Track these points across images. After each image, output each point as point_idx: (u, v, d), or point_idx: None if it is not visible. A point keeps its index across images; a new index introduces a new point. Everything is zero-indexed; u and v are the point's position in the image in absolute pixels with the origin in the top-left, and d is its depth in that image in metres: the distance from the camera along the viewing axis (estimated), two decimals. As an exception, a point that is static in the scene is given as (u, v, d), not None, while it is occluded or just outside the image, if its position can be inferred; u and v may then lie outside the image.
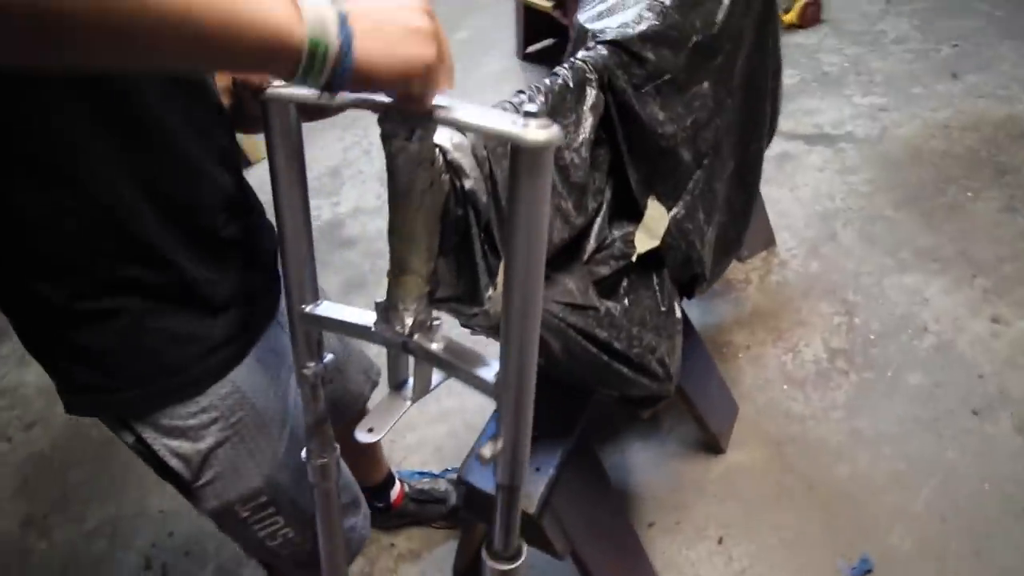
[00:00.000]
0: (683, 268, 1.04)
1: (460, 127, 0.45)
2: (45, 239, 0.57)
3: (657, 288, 1.00)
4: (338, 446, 0.75)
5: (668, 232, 0.97)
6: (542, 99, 0.69)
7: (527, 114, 0.42)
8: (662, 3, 0.88)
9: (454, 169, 0.57)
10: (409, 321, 0.57)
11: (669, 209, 0.97)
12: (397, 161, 0.52)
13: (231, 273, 0.69)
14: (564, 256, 0.78)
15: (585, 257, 0.84)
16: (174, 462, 0.68)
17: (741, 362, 1.71)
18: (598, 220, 0.86)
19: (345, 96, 0.47)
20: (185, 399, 0.66)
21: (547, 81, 0.72)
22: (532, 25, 3.33)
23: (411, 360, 0.64)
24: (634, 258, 0.93)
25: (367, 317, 0.61)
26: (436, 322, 0.59)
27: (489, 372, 0.54)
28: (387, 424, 0.62)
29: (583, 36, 0.99)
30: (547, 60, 3.35)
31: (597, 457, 1.09)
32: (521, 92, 0.69)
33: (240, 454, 0.71)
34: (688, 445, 1.56)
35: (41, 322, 0.62)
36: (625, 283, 0.94)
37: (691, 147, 0.94)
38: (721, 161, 1.02)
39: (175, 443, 0.67)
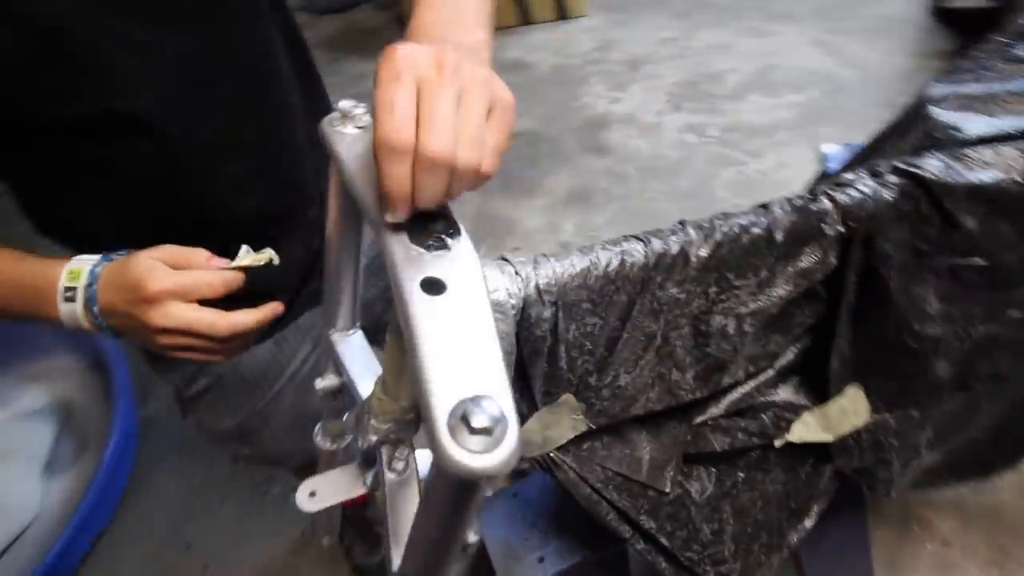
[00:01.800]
0: (856, 474, 0.75)
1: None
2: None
3: (803, 480, 0.74)
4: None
5: (855, 435, 0.69)
6: (704, 251, 0.46)
7: (472, 431, 0.27)
8: (1060, 148, 0.52)
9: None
10: (372, 438, 0.48)
11: (875, 411, 0.67)
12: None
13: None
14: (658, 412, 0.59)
15: (699, 419, 0.63)
16: (165, 383, 0.76)
17: (922, 553, 1.30)
18: (746, 386, 0.63)
19: None
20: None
21: (741, 222, 0.48)
22: (968, -24, 2.48)
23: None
24: (778, 443, 0.68)
25: (369, 382, 0.53)
26: (400, 454, 0.48)
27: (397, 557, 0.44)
28: (333, 498, 0.56)
29: (918, 115, 0.65)
30: (964, 27, 2.50)
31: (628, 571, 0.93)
32: (667, 226, 0.47)
33: (218, 401, 0.75)
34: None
35: None
36: (753, 456, 0.70)
37: (960, 365, 0.61)
38: (1003, 388, 0.66)
39: (170, 374, 0.74)
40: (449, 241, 0.36)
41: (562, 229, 2.17)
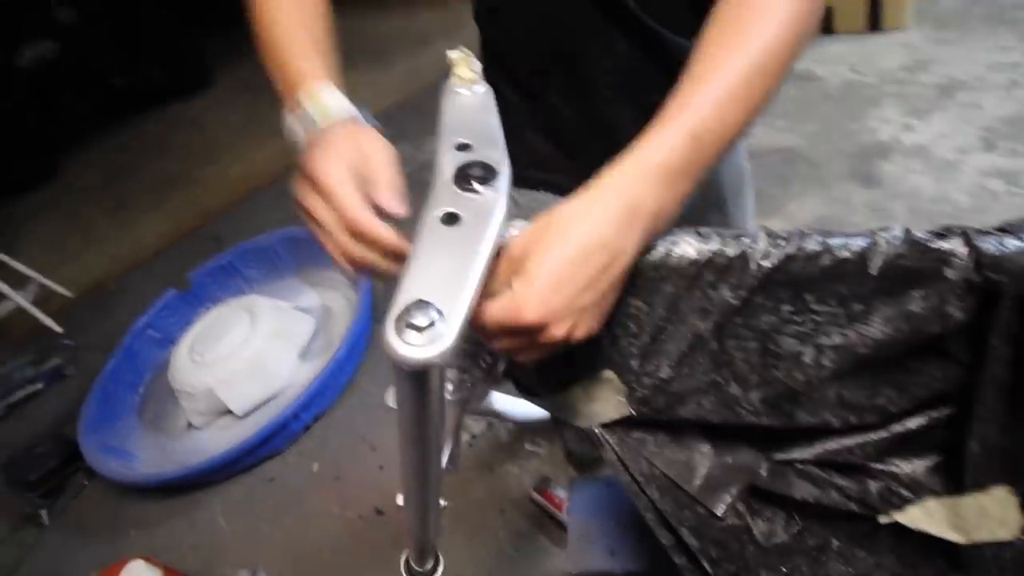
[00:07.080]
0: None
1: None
2: None
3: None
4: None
5: (997, 550, 0.55)
6: (769, 261, 0.43)
7: (410, 326, 0.33)
8: None
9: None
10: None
11: (1029, 528, 0.53)
12: None
13: None
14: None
15: (781, 456, 0.58)
16: None
17: None
18: (847, 438, 0.55)
19: None
20: None
21: (826, 240, 0.43)
22: None
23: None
24: (883, 520, 0.58)
25: None
26: (453, 378, 0.56)
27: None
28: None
29: None
30: None
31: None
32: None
33: None
34: None
35: None
36: (859, 528, 0.61)
37: None
38: None
39: None
40: (479, 187, 0.41)
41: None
